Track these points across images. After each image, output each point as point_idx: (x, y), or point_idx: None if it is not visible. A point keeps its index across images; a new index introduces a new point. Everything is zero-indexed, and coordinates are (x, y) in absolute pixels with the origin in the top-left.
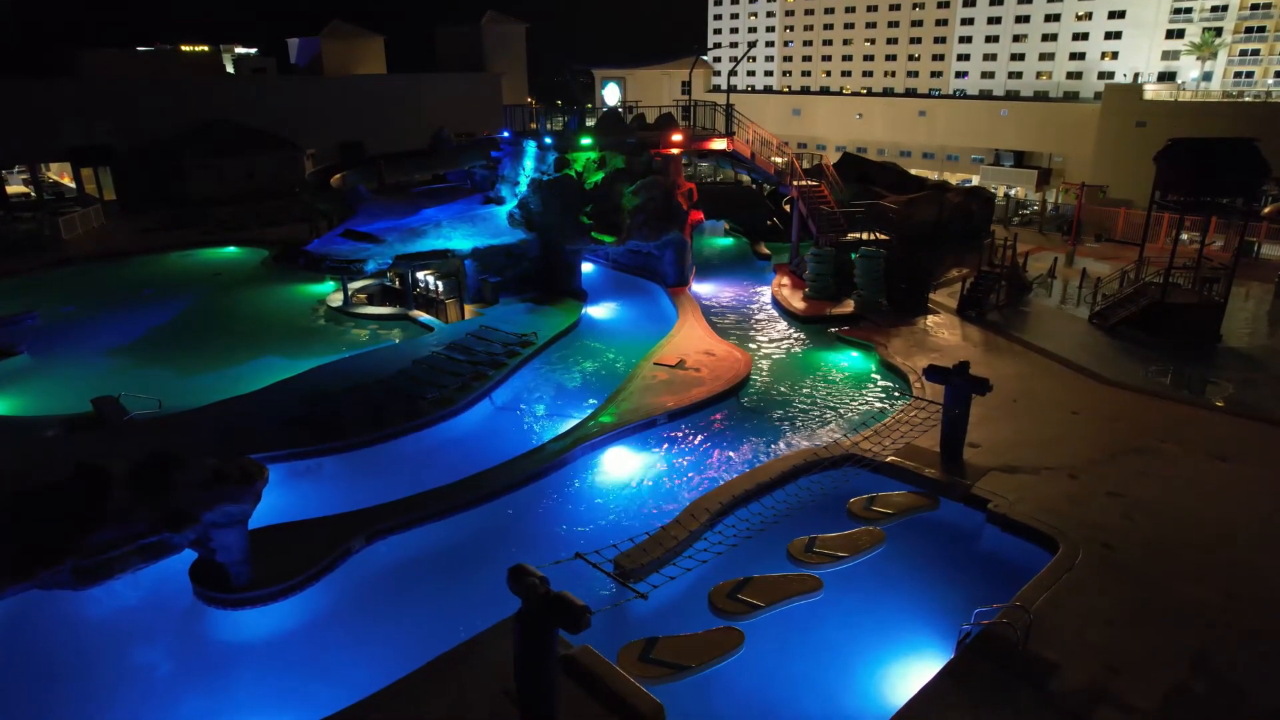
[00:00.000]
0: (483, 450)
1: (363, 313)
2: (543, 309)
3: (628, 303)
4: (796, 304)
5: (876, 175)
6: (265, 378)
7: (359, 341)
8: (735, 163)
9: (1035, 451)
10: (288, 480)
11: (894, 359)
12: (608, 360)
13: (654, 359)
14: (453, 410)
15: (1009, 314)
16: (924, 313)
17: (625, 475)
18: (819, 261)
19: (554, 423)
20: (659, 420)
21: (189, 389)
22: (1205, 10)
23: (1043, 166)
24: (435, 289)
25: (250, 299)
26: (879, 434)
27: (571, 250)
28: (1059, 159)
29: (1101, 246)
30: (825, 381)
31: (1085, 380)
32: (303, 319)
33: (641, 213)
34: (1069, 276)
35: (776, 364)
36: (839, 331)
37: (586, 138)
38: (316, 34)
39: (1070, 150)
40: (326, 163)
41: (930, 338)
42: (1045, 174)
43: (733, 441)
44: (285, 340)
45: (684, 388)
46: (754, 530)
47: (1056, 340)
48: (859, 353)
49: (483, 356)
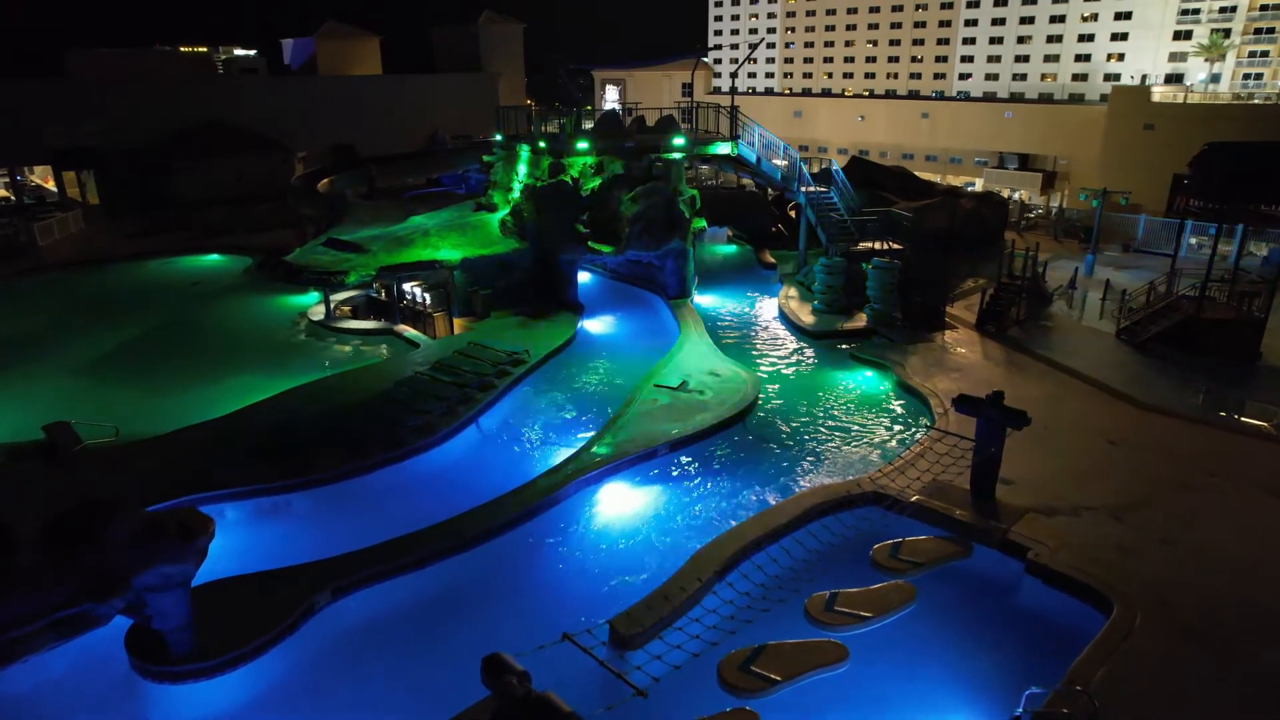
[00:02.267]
0: (468, 484)
1: (345, 327)
2: (536, 323)
3: (626, 316)
4: (805, 318)
5: (885, 180)
6: (237, 400)
7: (340, 359)
8: (739, 167)
9: (1073, 488)
10: (249, 522)
11: (912, 380)
12: (605, 380)
13: (654, 380)
14: (436, 439)
15: (1030, 329)
16: (941, 327)
17: (623, 515)
18: (829, 273)
19: (545, 453)
20: (659, 451)
21: (153, 412)
22: (1213, 11)
23: (1047, 169)
24: (422, 301)
25: (228, 311)
26: (901, 468)
27: (567, 260)
28: (1064, 162)
29: (1121, 255)
30: (838, 405)
31: (1119, 404)
32: (282, 334)
33: (641, 221)
34: (1088, 287)
35: (785, 385)
36: (852, 351)
37: (583, 141)
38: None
39: (1076, 153)
40: (318, 165)
41: (949, 356)
42: (1050, 177)
43: (740, 475)
44: (262, 357)
45: (686, 413)
46: (769, 588)
47: (1084, 358)
48: (873, 372)
49: (470, 377)
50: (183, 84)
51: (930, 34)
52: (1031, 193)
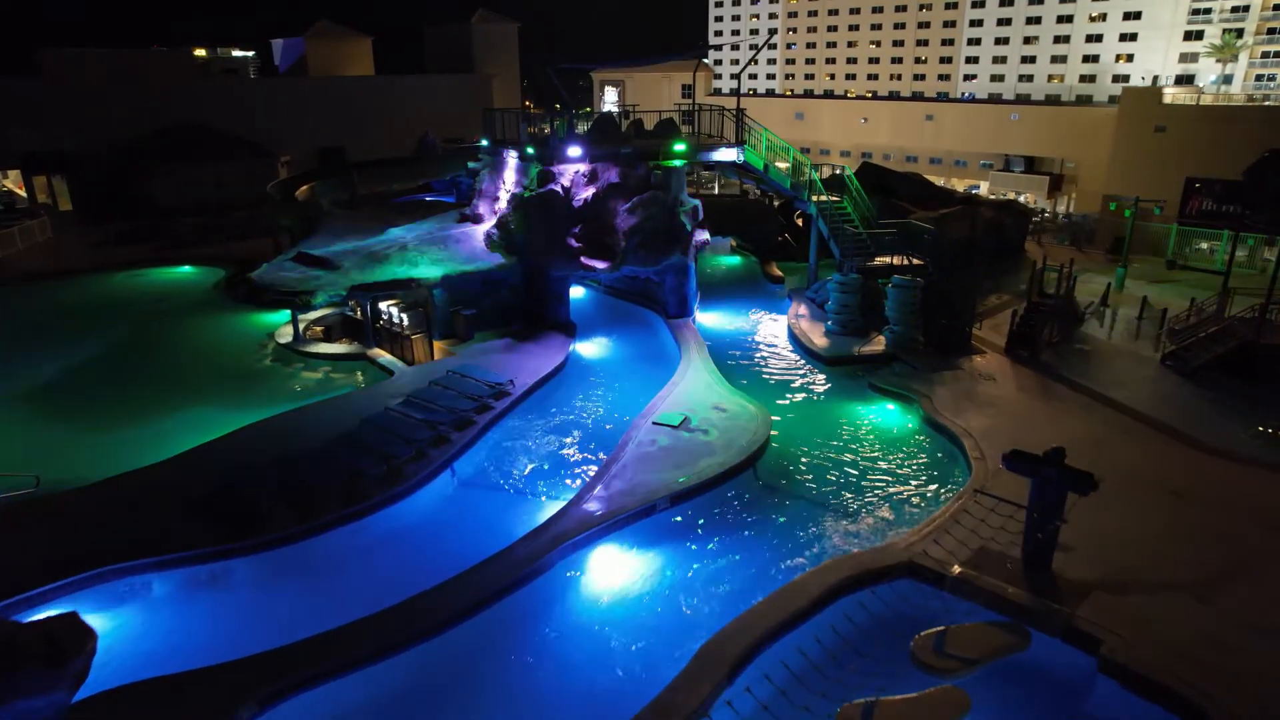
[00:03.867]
0: (439, 544)
1: (315, 351)
2: (524, 346)
3: (623, 337)
4: (818, 341)
5: (899, 187)
6: (186, 438)
7: (307, 388)
8: (743, 173)
9: (1141, 556)
10: (178, 598)
11: (941, 416)
12: (598, 415)
13: (653, 416)
14: (404, 489)
15: (1064, 353)
16: (967, 352)
17: (615, 589)
18: (844, 291)
19: (528, 505)
20: (659, 506)
21: (89, 453)
22: (1225, 11)
23: (1054, 172)
24: (399, 322)
25: (191, 332)
26: (938, 531)
27: (558, 277)
28: (1071, 165)
29: (1150, 266)
30: (859, 446)
31: (1177, 445)
32: (247, 358)
33: (638, 234)
34: (1119, 303)
35: (798, 420)
36: (871, 380)
37: (575, 147)
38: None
39: (1084, 155)
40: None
41: (979, 386)
42: (1057, 180)
43: (751, 536)
44: (222, 386)
45: (689, 457)
46: (790, 694)
47: (1129, 389)
48: (896, 406)
49: (445, 415)
50: (161, 85)
51: (934, 34)
52: (1037, 196)
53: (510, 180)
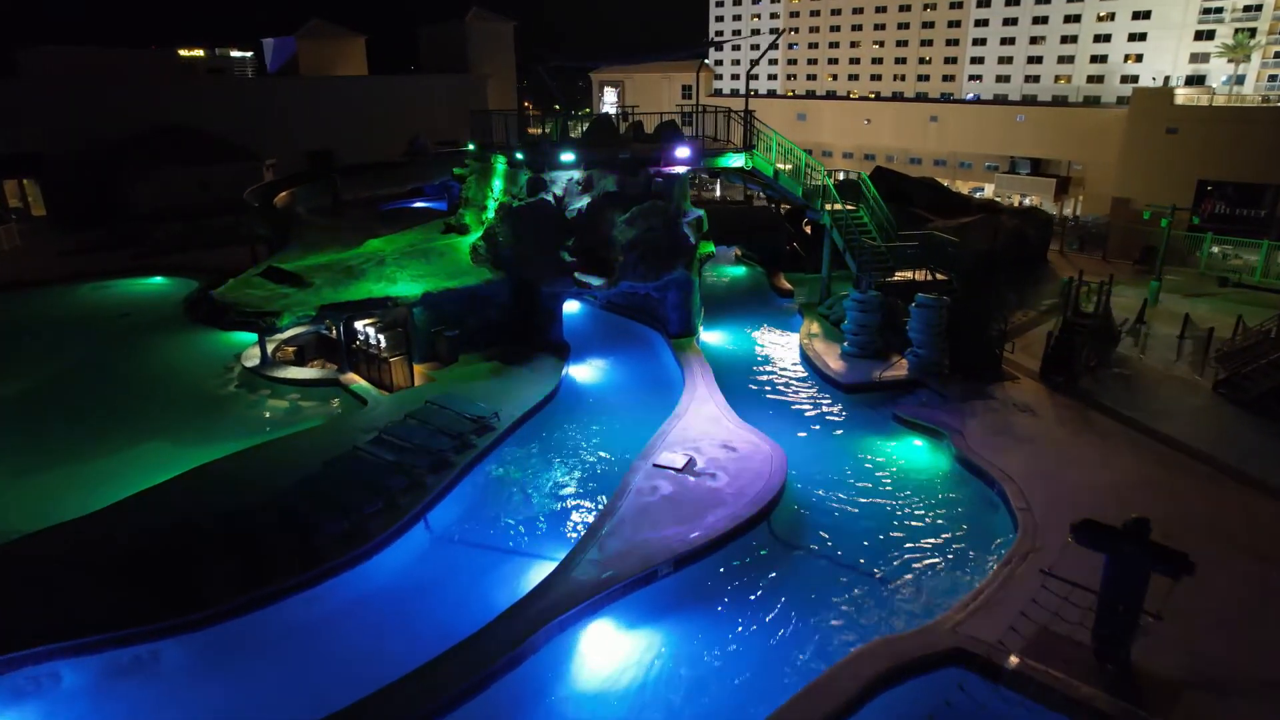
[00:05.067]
0: (405, 619)
1: (283, 376)
2: (512, 370)
3: (621, 359)
4: (833, 364)
5: (913, 193)
6: (134, 479)
7: (273, 418)
8: (748, 178)
9: (1236, 641)
10: (91, 691)
11: (976, 456)
12: (593, 452)
13: (654, 457)
14: (368, 549)
15: (1104, 378)
16: (998, 377)
17: (610, 679)
18: (863, 310)
19: (512, 567)
20: (660, 571)
21: (16, 501)
22: (1237, 10)
23: (1061, 175)
24: (376, 344)
25: (153, 351)
26: (987, 605)
27: (549, 294)
28: (1079, 167)
29: (1185, 279)
30: (884, 491)
31: (1250, 493)
32: (210, 383)
33: (637, 247)
34: (1153, 318)
35: (814, 458)
36: (896, 412)
37: (568, 152)
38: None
39: (1091, 157)
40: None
41: (1015, 419)
42: (1064, 183)
43: (766, 609)
44: (180, 416)
45: (695, 507)
46: None
47: (1182, 422)
48: (924, 441)
49: (420, 456)
50: (142, 86)
51: (939, 34)
52: (1043, 199)
53: (498, 187)
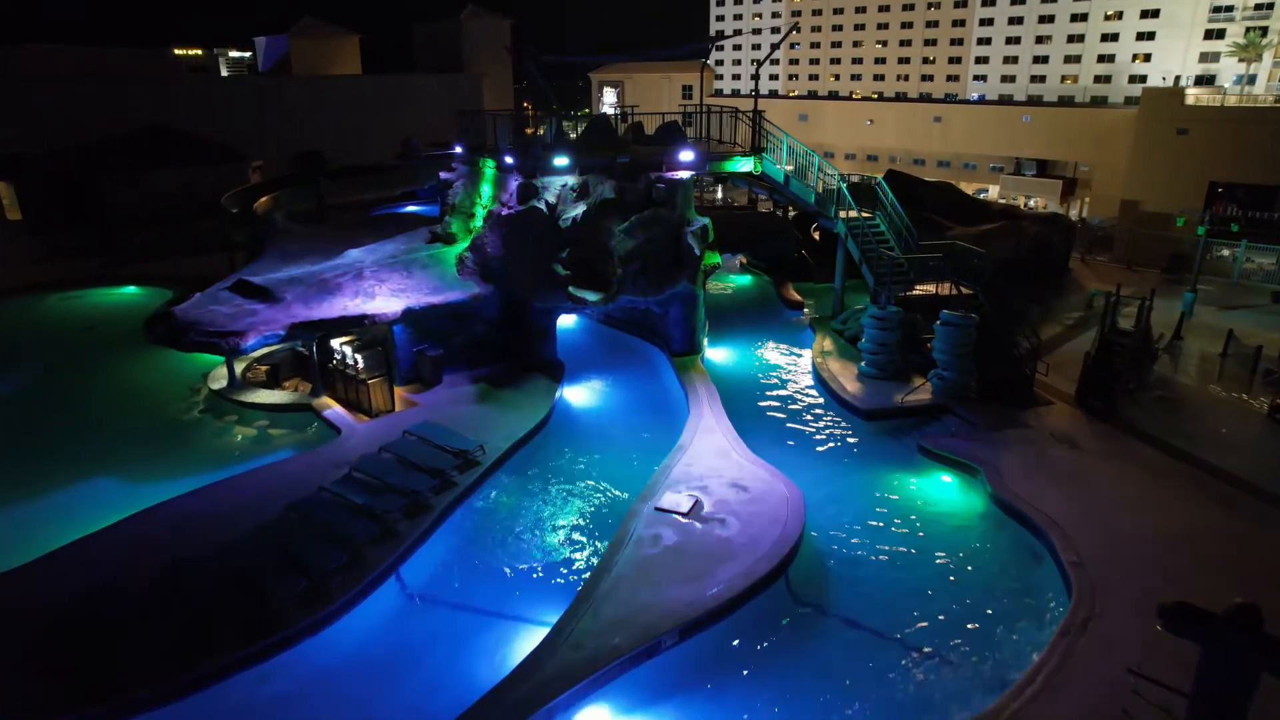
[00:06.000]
0: (371, 699)
1: (252, 400)
2: (501, 393)
3: (619, 380)
4: (850, 386)
5: (928, 198)
6: (64, 529)
7: (239, 448)
8: (755, 183)
9: None
10: None
11: (1016, 498)
12: (588, 489)
13: (656, 499)
14: (331, 611)
15: (1144, 403)
16: (1030, 402)
17: None
18: (883, 327)
19: (496, 633)
20: (665, 643)
21: None
22: (1248, 8)
23: (1068, 176)
24: (354, 364)
25: (115, 370)
26: (1048, 690)
27: (541, 309)
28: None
29: (1218, 289)
30: (914, 538)
31: None
32: (173, 408)
33: (637, 259)
34: (1188, 331)
35: (833, 497)
36: (922, 443)
37: (562, 156)
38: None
39: (1098, 159)
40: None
41: (1054, 451)
42: (1070, 184)
43: (789, 691)
44: (134, 447)
45: (702, 561)
46: None
47: (1245, 456)
48: (954, 477)
49: (393, 499)
50: (125, 85)
51: (943, 33)
52: (1049, 201)
53: (486, 194)
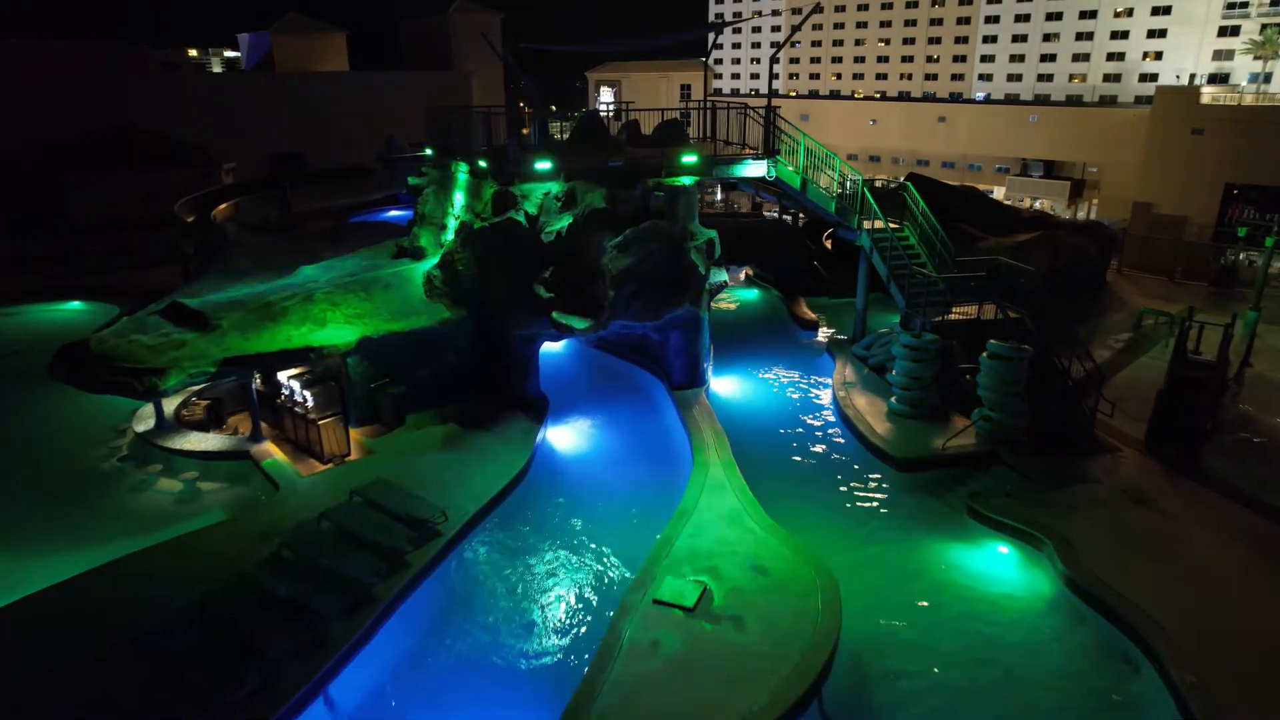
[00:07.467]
0: None
1: (180, 447)
2: (473, 436)
3: (612, 419)
4: (880, 428)
5: (954, 205)
6: None
7: (159, 507)
8: (765, 188)
9: None
10: None
11: (1098, 583)
12: (573, 566)
13: (654, 587)
14: None
15: (1229, 448)
16: (1092, 449)
17: None
18: (918, 358)
19: None
20: None
21: None
22: (1264, 4)
23: (1076, 177)
24: (303, 401)
25: (33, 405)
26: None
27: (522, 337)
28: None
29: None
30: (966, 630)
31: None
32: (90, 454)
33: (632, 280)
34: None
35: (867, 576)
36: (971, 502)
37: (544, 160)
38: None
39: (1107, 159)
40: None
41: (1134, 515)
42: (1078, 186)
43: None
44: (32, 506)
45: (714, 681)
46: None
47: None
48: (1012, 548)
49: (331, 590)
50: (87, 81)
51: (947, 32)
52: (1056, 203)
53: (459, 202)
